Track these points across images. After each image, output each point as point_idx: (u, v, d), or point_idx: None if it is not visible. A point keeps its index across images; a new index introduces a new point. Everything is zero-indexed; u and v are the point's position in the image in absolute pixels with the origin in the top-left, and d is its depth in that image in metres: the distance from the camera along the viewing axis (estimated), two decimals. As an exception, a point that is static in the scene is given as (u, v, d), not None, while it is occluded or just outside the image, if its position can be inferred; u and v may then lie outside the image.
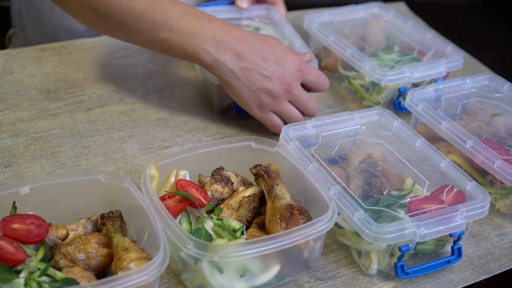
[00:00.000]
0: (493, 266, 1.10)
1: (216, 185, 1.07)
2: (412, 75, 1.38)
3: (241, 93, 1.26)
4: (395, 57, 1.46)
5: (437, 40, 1.51)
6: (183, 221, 1.02)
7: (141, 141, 1.31)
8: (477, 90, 1.37)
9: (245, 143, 1.14)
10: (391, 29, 1.58)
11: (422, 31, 1.54)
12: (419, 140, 1.18)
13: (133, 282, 0.86)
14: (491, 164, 1.15)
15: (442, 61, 1.41)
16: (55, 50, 1.55)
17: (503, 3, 2.56)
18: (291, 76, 1.27)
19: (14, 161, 1.23)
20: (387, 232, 0.98)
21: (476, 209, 1.04)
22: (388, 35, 1.56)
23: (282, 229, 0.99)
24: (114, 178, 1.03)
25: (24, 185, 1.01)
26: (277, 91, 1.26)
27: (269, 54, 1.26)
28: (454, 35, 1.84)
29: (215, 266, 0.95)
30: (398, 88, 1.39)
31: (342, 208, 1.02)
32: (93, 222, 1.02)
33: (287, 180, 1.09)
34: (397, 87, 1.39)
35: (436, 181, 1.12)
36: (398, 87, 1.39)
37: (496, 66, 1.69)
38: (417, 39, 1.53)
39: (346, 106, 1.47)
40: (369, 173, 1.13)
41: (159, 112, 1.40)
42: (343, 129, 1.22)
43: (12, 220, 0.95)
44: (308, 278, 1.05)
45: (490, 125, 1.27)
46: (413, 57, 1.46)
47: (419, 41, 1.52)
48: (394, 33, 1.57)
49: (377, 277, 1.06)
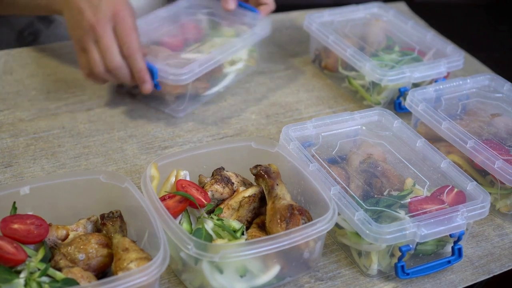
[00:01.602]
0: (494, 266, 1.10)
1: (216, 185, 1.07)
2: (413, 75, 1.38)
3: (68, 25, 1.31)
4: (395, 57, 1.46)
5: (437, 40, 1.51)
6: (183, 221, 1.02)
7: (141, 141, 1.31)
8: (477, 90, 1.37)
9: (245, 143, 1.14)
10: (392, 29, 1.58)
11: (422, 31, 1.54)
12: (420, 140, 1.18)
13: (133, 283, 0.86)
14: (491, 164, 1.15)
15: (443, 61, 1.41)
16: (55, 50, 1.55)
17: (503, 3, 2.56)
18: (103, 14, 1.26)
19: (14, 161, 1.23)
20: (388, 233, 0.98)
21: (476, 210, 1.04)
22: (388, 35, 1.56)
23: (282, 229, 0.99)
24: (114, 178, 1.03)
25: (24, 185, 1.01)
26: (85, 24, 1.26)
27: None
28: (454, 35, 1.84)
29: (215, 266, 0.95)
30: (398, 88, 1.39)
31: (343, 208, 1.02)
32: (93, 222, 1.02)
33: (287, 180, 1.09)
34: (398, 87, 1.39)
35: (437, 182, 1.12)
36: (399, 87, 1.39)
37: (496, 66, 1.69)
38: (417, 39, 1.53)
39: (347, 106, 1.47)
40: (370, 174, 1.13)
41: (159, 112, 1.40)
42: (343, 129, 1.22)
43: (12, 220, 0.95)
44: (308, 279, 1.04)
45: (490, 125, 1.27)
46: (413, 57, 1.46)
47: (419, 41, 1.52)
48: (394, 33, 1.56)
49: (378, 278, 1.06)
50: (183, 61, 1.37)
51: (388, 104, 1.43)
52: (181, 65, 1.32)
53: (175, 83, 1.30)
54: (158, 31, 1.48)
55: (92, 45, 1.27)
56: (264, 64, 1.59)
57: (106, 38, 1.25)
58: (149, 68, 1.29)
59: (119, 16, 1.26)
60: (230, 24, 1.52)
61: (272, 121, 1.40)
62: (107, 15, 1.25)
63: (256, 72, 1.56)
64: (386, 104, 1.43)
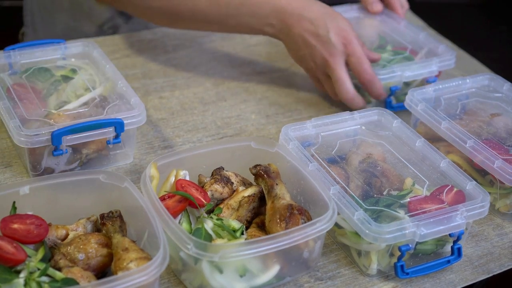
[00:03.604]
0: (493, 266, 1.10)
1: (216, 185, 1.07)
2: (403, 74, 1.38)
3: (293, 53, 1.40)
4: (387, 56, 1.46)
5: (429, 39, 1.52)
6: (183, 221, 1.02)
7: (141, 141, 1.31)
8: (477, 90, 1.37)
9: (245, 143, 1.14)
10: (384, 28, 1.58)
11: (415, 31, 1.54)
12: (419, 140, 1.18)
13: (133, 282, 0.86)
14: (491, 164, 1.15)
15: (434, 60, 1.42)
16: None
17: (503, 3, 2.56)
18: (337, 54, 1.34)
19: (14, 161, 1.23)
20: (387, 232, 0.98)
21: (476, 209, 1.04)
22: (381, 35, 1.57)
23: (282, 229, 0.99)
24: (114, 178, 1.03)
25: (24, 185, 1.01)
26: (319, 63, 1.36)
27: (321, 26, 1.35)
28: (454, 35, 1.84)
29: (215, 266, 0.95)
30: (389, 87, 1.40)
31: (342, 208, 1.02)
32: (93, 222, 1.02)
33: (287, 180, 1.09)
34: (389, 86, 1.40)
35: (436, 181, 1.12)
36: (390, 86, 1.40)
37: (496, 66, 1.69)
38: (410, 39, 1.53)
39: (346, 106, 1.47)
40: (369, 173, 1.13)
41: (159, 112, 1.40)
42: (343, 129, 1.22)
43: (12, 220, 0.95)
44: (308, 278, 1.04)
45: (490, 125, 1.27)
46: (405, 56, 1.46)
47: (411, 41, 1.52)
48: (387, 32, 1.57)
49: (377, 277, 1.06)
50: None
51: (379, 103, 1.43)
52: None
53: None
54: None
55: (325, 78, 1.38)
56: (264, 64, 1.59)
57: (339, 70, 1.35)
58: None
59: (350, 48, 1.34)
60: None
61: (272, 121, 1.40)
62: (339, 49, 1.34)
63: (256, 72, 1.56)
64: (377, 103, 1.43)
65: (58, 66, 1.31)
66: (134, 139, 1.24)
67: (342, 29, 1.34)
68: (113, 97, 1.23)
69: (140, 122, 1.19)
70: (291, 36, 1.36)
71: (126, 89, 1.24)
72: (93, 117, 1.16)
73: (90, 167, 1.22)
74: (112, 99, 1.23)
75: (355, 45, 1.34)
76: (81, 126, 1.12)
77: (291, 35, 1.36)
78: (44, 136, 1.10)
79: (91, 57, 1.34)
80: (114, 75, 1.27)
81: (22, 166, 1.22)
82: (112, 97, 1.23)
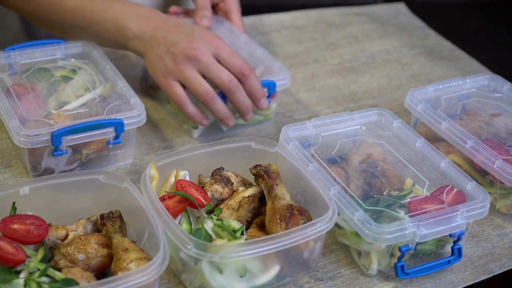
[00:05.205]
0: (493, 266, 1.10)
1: (216, 185, 1.07)
2: None
3: (151, 61, 1.25)
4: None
5: (266, 56, 1.40)
6: (183, 221, 1.02)
7: (141, 141, 1.31)
8: (477, 90, 1.37)
9: (245, 143, 1.14)
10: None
11: (253, 47, 1.42)
12: (419, 140, 1.18)
13: (133, 283, 0.86)
14: (491, 164, 1.15)
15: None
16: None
17: (503, 3, 2.56)
18: (200, 42, 1.22)
19: (14, 162, 1.23)
20: (387, 232, 0.98)
21: (476, 209, 1.04)
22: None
23: (282, 229, 0.99)
24: (114, 179, 1.03)
25: (24, 185, 1.01)
26: (181, 55, 1.21)
27: (186, 26, 1.25)
28: (454, 35, 1.84)
29: (215, 266, 0.95)
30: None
31: (342, 208, 1.02)
32: (93, 222, 1.02)
33: (287, 180, 1.09)
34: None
35: (436, 181, 1.12)
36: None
37: (496, 66, 1.69)
38: (246, 55, 1.41)
39: (346, 106, 1.47)
40: (369, 173, 1.13)
41: (159, 112, 1.40)
42: (343, 129, 1.22)
43: (12, 220, 0.95)
44: (308, 279, 1.04)
45: (490, 125, 1.27)
46: None
47: (248, 58, 1.39)
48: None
49: (377, 277, 1.06)
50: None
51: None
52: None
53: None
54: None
55: (193, 72, 1.23)
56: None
57: (212, 64, 1.22)
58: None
59: (216, 44, 1.24)
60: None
61: (271, 121, 1.40)
62: (205, 44, 1.23)
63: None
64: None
65: (58, 66, 1.31)
66: (134, 139, 1.24)
67: (208, 33, 1.26)
68: (113, 98, 1.23)
69: (140, 123, 1.19)
70: (155, 40, 1.26)
71: (126, 89, 1.24)
72: (93, 117, 1.16)
73: (90, 167, 1.22)
74: (112, 99, 1.23)
75: (222, 43, 1.25)
76: (81, 127, 1.12)
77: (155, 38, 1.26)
78: (44, 137, 1.10)
79: (91, 57, 1.34)
80: (114, 75, 1.27)
81: (22, 166, 1.22)
82: (112, 97, 1.23)
